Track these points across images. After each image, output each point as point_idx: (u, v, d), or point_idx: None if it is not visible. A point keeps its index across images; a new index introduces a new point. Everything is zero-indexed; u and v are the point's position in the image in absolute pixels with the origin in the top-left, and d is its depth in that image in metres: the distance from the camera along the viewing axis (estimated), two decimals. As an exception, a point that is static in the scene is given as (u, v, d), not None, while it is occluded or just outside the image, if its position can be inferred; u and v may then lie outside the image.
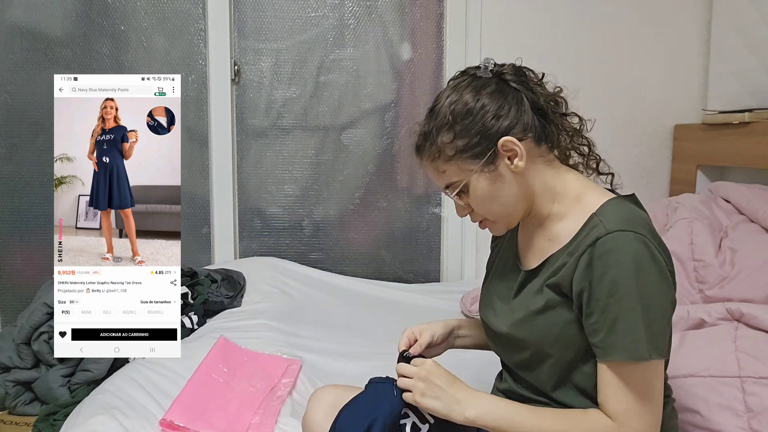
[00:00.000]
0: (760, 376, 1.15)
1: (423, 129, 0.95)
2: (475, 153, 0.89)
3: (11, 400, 1.56)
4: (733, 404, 1.15)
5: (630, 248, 0.81)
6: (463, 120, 0.89)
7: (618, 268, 0.80)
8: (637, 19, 2.23)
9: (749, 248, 1.47)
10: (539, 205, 0.94)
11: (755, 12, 1.84)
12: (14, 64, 2.11)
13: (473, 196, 0.92)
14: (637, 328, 0.80)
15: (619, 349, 0.81)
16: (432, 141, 0.91)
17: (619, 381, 0.82)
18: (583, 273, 0.83)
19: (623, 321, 0.80)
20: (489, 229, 0.97)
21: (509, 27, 2.19)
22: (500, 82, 0.91)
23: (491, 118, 0.88)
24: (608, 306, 0.81)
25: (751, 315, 1.25)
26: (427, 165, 0.95)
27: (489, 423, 0.86)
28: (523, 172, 0.90)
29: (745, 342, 1.22)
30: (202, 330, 1.72)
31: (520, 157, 0.88)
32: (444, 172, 0.92)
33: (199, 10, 2.16)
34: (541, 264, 0.92)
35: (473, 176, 0.90)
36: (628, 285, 0.80)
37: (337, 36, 2.23)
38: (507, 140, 0.88)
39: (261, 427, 1.25)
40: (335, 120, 2.26)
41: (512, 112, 0.89)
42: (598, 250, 0.82)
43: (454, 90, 0.92)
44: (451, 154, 0.90)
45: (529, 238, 0.99)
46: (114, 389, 1.36)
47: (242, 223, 2.28)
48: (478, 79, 0.91)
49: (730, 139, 1.94)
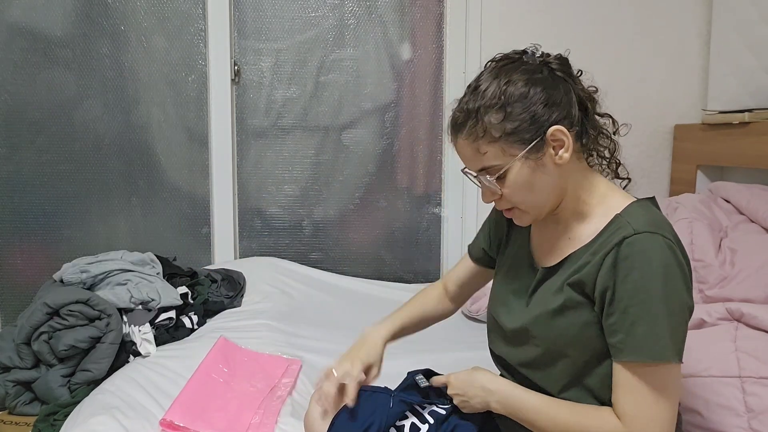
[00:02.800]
0: (760, 376, 1.15)
1: (466, 106, 0.89)
2: (523, 138, 0.86)
3: (11, 400, 1.56)
4: (733, 404, 1.15)
5: (658, 251, 0.80)
6: (516, 102, 0.86)
7: (645, 270, 0.80)
8: (637, 19, 2.23)
9: (749, 248, 1.46)
10: (566, 202, 0.92)
11: (755, 12, 1.84)
12: (14, 64, 2.11)
13: (511, 182, 0.88)
14: (660, 331, 0.80)
15: (640, 350, 0.80)
16: (478, 119, 0.87)
17: (634, 382, 0.81)
18: (608, 272, 0.83)
19: (646, 322, 0.80)
20: (515, 218, 0.95)
21: (509, 27, 2.19)
22: (550, 71, 0.89)
23: (544, 105, 0.86)
24: (631, 307, 0.81)
25: (751, 315, 1.25)
26: (465, 144, 0.90)
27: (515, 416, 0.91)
28: (563, 165, 0.89)
29: (745, 342, 1.21)
30: (202, 330, 1.72)
31: (566, 149, 0.87)
32: (485, 153, 0.88)
33: (199, 10, 2.16)
34: (561, 262, 0.92)
35: (516, 162, 0.87)
36: (654, 287, 0.80)
37: (337, 36, 2.23)
38: (557, 129, 0.86)
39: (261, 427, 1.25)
40: (335, 120, 2.26)
41: (563, 103, 0.88)
42: (624, 250, 0.82)
43: (502, 71, 0.89)
44: (496, 136, 0.86)
45: (546, 236, 0.98)
46: (114, 389, 1.36)
47: (242, 223, 2.28)
48: (527, 65, 0.89)
49: (730, 139, 1.94)
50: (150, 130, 2.21)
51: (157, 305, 1.71)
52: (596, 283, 0.85)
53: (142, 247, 2.04)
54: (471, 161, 0.91)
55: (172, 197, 2.24)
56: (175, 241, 2.25)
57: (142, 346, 1.58)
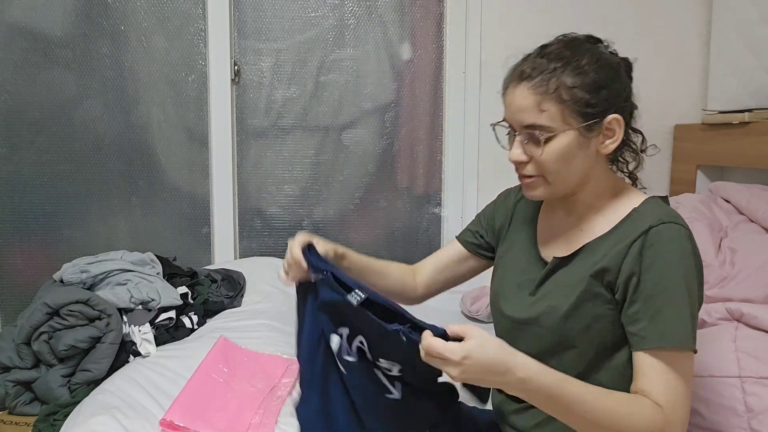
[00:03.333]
0: (760, 376, 1.15)
1: (538, 60, 0.88)
2: (586, 113, 0.86)
3: (11, 400, 1.56)
4: (733, 404, 1.15)
5: (681, 241, 0.83)
6: (597, 76, 0.86)
7: (669, 258, 0.82)
8: (637, 19, 2.23)
9: (749, 248, 1.46)
10: (584, 194, 0.93)
11: (755, 12, 1.84)
12: (14, 64, 2.11)
13: (554, 149, 0.87)
14: (684, 318, 0.81)
15: (668, 337, 0.81)
16: (553, 76, 0.85)
17: (666, 368, 0.81)
18: (634, 259, 0.84)
19: (673, 310, 0.81)
20: (531, 189, 0.92)
21: (509, 27, 2.18)
22: (624, 67, 0.91)
23: (616, 91, 0.88)
24: (656, 294, 0.82)
25: (751, 315, 1.25)
26: (526, 94, 0.87)
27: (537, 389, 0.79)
28: (601, 154, 0.90)
29: (745, 342, 1.21)
30: (202, 330, 1.72)
31: (614, 141, 0.88)
32: (543, 111, 0.85)
33: (199, 10, 2.16)
34: (576, 252, 0.92)
35: (569, 131, 0.86)
36: (677, 276, 0.81)
37: (337, 36, 2.22)
38: (616, 119, 0.87)
39: (261, 427, 1.25)
40: (335, 120, 2.26)
41: (630, 98, 0.90)
42: (651, 238, 0.83)
43: (585, 45, 0.89)
44: (565, 98, 0.85)
45: (555, 228, 0.98)
46: (114, 389, 1.36)
47: (242, 223, 2.28)
48: (607, 51, 0.90)
49: (730, 139, 1.94)
50: (150, 130, 2.21)
51: (157, 305, 1.71)
52: (621, 270, 0.85)
53: (142, 247, 2.04)
54: (523, 113, 0.87)
55: (172, 197, 2.24)
56: (175, 241, 2.25)
57: (142, 346, 1.58)
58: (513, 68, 0.91)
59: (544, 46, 0.91)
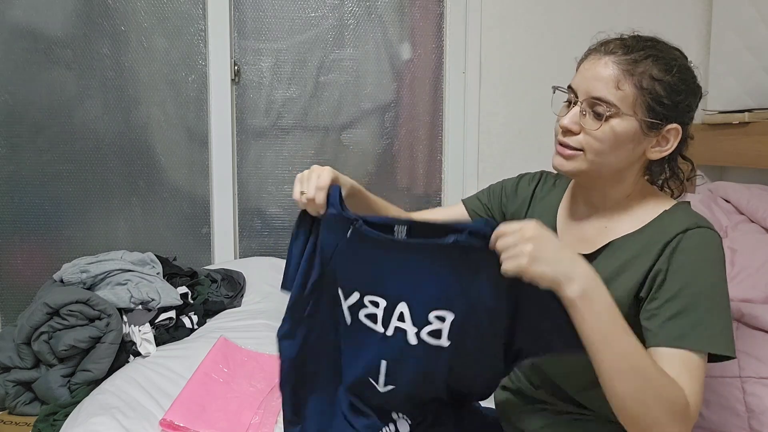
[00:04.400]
0: (760, 376, 1.15)
1: (633, 41, 0.87)
2: (655, 109, 0.85)
3: (11, 400, 1.56)
4: (733, 404, 1.15)
5: (715, 248, 0.84)
6: (682, 78, 0.85)
7: (701, 264, 0.82)
8: (637, 20, 2.22)
9: (749, 248, 1.46)
10: (614, 189, 0.92)
11: (755, 12, 1.84)
12: (15, 64, 2.11)
13: (609, 130, 0.85)
14: (704, 322, 0.80)
15: (686, 338, 0.79)
16: (642, 58, 0.84)
17: (679, 366, 0.78)
18: (666, 258, 0.84)
19: (695, 313, 0.80)
20: (566, 160, 0.89)
21: (509, 27, 2.18)
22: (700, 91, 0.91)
23: (688, 103, 0.87)
24: (680, 296, 0.81)
25: (751, 315, 1.25)
26: (611, 67, 0.84)
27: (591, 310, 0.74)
28: (644, 158, 0.89)
29: (745, 342, 1.21)
30: (202, 330, 1.72)
31: (664, 150, 0.87)
32: (619, 89, 0.84)
33: (199, 10, 2.16)
34: (601, 249, 0.91)
35: (631, 119, 0.84)
36: (706, 282, 0.81)
37: (337, 36, 2.23)
38: (677, 130, 0.86)
39: (261, 427, 1.25)
40: (335, 120, 2.26)
41: (692, 117, 0.89)
42: (686, 240, 0.83)
43: (676, 52, 0.88)
44: (644, 86, 0.84)
45: (575, 222, 0.97)
46: (114, 389, 1.36)
47: (242, 223, 2.28)
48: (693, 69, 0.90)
49: (730, 139, 1.94)
50: (150, 130, 2.21)
51: (157, 305, 1.71)
52: (652, 268, 0.85)
53: (142, 247, 2.04)
54: (598, 83, 0.85)
55: (172, 197, 2.24)
56: (175, 241, 2.25)
57: (142, 346, 1.58)
58: (603, 41, 0.89)
59: (640, 35, 0.89)
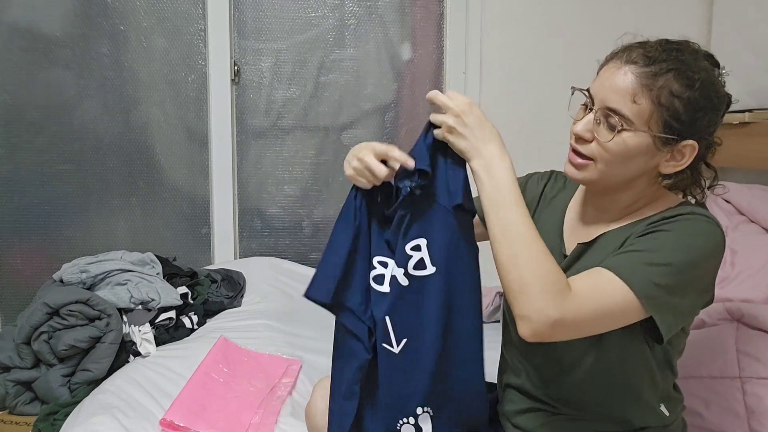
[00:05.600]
0: (760, 376, 1.15)
1: (657, 51, 0.83)
2: (670, 125, 0.82)
3: (11, 400, 1.56)
4: (733, 404, 1.15)
5: (708, 236, 0.82)
6: (699, 97, 0.81)
7: (682, 231, 0.81)
8: (638, 20, 2.23)
9: (749, 249, 1.47)
10: (624, 194, 0.91)
11: (755, 12, 1.84)
12: (14, 64, 2.11)
13: (621, 143, 0.83)
14: (655, 272, 0.79)
15: (623, 268, 0.79)
16: (663, 72, 0.81)
17: (600, 282, 0.79)
18: (645, 226, 0.84)
19: (647, 258, 0.79)
20: (576, 169, 0.89)
21: (509, 27, 2.18)
22: (726, 103, 0.87)
23: (708, 120, 0.84)
24: (641, 244, 0.81)
25: (751, 315, 1.25)
26: (629, 78, 0.82)
27: (487, 183, 0.83)
28: (657, 171, 0.87)
29: (745, 342, 1.22)
30: (202, 330, 1.72)
31: (678, 165, 0.86)
32: (635, 102, 0.81)
33: (199, 10, 2.16)
34: (596, 238, 0.91)
35: (644, 134, 0.82)
36: (680, 245, 0.80)
37: (337, 36, 2.22)
38: (693, 146, 0.84)
39: (261, 427, 1.25)
40: (335, 120, 2.26)
41: (711, 131, 0.86)
42: (675, 218, 0.83)
43: (702, 62, 0.84)
44: (662, 102, 0.81)
45: (581, 222, 0.97)
46: (114, 389, 1.36)
47: (242, 223, 2.28)
48: (720, 81, 0.86)
49: (730, 140, 1.93)
50: (150, 130, 2.20)
51: (157, 305, 1.71)
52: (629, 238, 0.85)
53: (142, 247, 2.04)
54: (614, 95, 0.83)
55: (172, 197, 2.24)
56: (175, 241, 2.25)
57: (142, 346, 1.58)
58: (626, 46, 0.86)
59: (668, 41, 0.85)
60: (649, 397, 0.92)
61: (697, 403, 1.18)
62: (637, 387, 0.90)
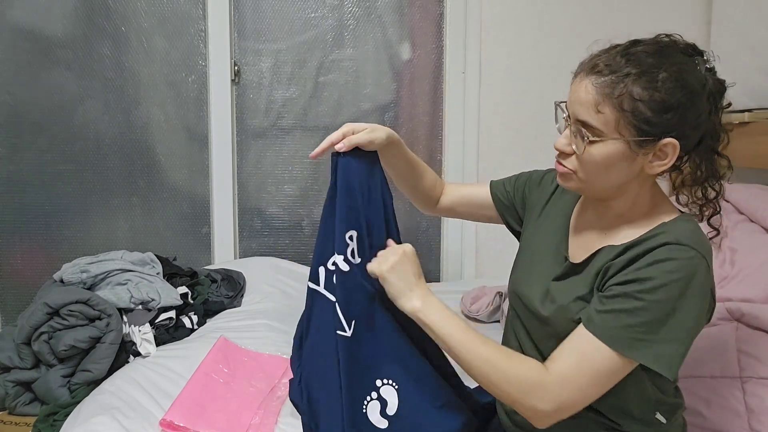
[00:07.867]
0: (760, 376, 1.15)
1: (617, 58, 0.82)
2: (642, 128, 0.81)
3: (11, 400, 1.56)
4: (734, 404, 1.15)
5: (691, 267, 0.80)
6: (665, 95, 0.79)
7: (665, 278, 0.80)
8: (637, 20, 2.23)
9: (749, 248, 1.47)
10: (619, 201, 0.90)
11: (754, 13, 1.84)
12: (15, 64, 2.12)
13: (596, 153, 0.83)
14: (636, 328, 0.79)
15: (605, 330, 0.81)
16: (620, 80, 0.80)
17: (584, 352, 0.81)
18: (627, 260, 0.83)
19: (628, 316, 0.80)
20: (564, 179, 0.90)
21: (509, 27, 2.19)
22: (709, 91, 0.84)
23: (682, 116, 0.81)
24: (622, 297, 0.81)
25: (751, 315, 1.25)
26: (589, 90, 0.82)
27: (428, 321, 0.91)
28: (646, 173, 0.86)
29: (745, 342, 1.22)
30: (202, 330, 1.72)
31: (663, 164, 0.84)
32: (599, 112, 0.81)
33: (199, 11, 2.16)
34: (590, 256, 0.91)
35: (617, 142, 0.81)
36: (668, 295, 0.79)
37: (337, 37, 2.23)
38: (674, 144, 0.82)
39: (261, 427, 1.25)
40: (335, 120, 2.26)
41: (696, 125, 0.83)
42: (657, 253, 0.81)
43: (669, 57, 0.81)
44: (625, 108, 0.80)
45: (581, 228, 0.97)
46: (114, 389, 1.36)
47: (242, 223, 2.29)
48: (695, 67, 0.83)
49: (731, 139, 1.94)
50: (150, 131, 2.21)
51: (157, 305, 1.71)
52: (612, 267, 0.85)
53: (142, 247, 2.04)
54: (580, 107, 0.83)
55: (172, 197, 2.25)
56: (175, 241, 2.25)
57: (142, 346, 1.58)
58: (590, 57, 0.86)
59: (636, 42, 0.84)
60: (641, 409, 0.92)
61: (698, 403, 1.18)
62: (627, 402, 0.91)
